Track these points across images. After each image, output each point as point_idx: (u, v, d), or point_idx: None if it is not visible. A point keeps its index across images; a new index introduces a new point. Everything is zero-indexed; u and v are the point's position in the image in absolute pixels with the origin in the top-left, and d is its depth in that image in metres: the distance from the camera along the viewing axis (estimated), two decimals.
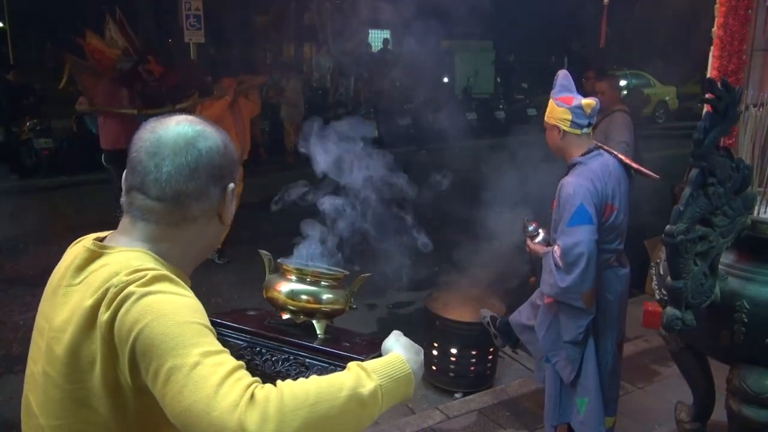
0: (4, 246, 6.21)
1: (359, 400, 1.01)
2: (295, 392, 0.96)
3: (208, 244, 1.23)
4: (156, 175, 1.10)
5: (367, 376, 1.06)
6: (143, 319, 0.98)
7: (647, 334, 4.45)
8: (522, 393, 3.70)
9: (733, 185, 1.98)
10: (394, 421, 3.45)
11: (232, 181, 1.19)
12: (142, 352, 0.97)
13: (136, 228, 1.14)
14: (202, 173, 1.12)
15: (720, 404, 2.45)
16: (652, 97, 15.12)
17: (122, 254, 1.10)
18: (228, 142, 1.19)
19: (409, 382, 1.14)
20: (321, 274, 1.48)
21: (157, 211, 1.12)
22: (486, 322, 3.49)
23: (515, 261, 3.66)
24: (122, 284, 1.03)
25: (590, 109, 2.67)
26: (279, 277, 1.48)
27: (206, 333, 1.00)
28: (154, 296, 1.01)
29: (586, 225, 2.56)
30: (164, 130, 1.13)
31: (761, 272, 2.10)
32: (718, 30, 3.33)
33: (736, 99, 1.89)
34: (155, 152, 1.11)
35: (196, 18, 8.68)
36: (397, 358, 1.15)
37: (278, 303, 1.45)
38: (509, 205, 3.77)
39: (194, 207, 1.14)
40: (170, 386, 0.94)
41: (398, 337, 1.24)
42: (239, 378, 0.95)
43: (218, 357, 0.97)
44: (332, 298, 1.45)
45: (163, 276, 1.06)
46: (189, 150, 1.11)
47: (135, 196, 1.13)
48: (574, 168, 2.72)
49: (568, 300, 2.64)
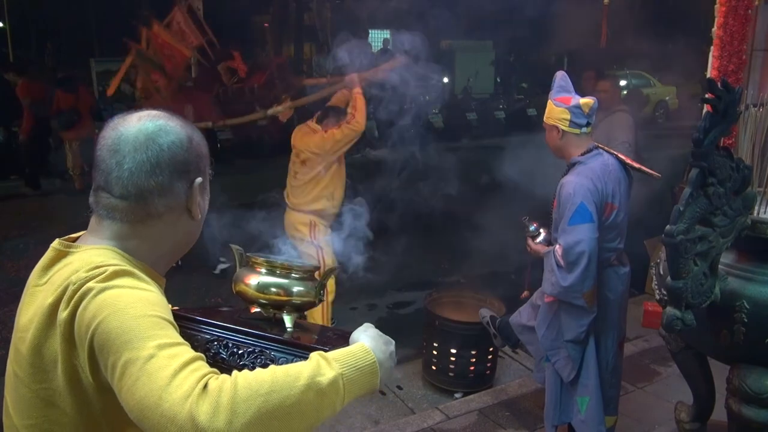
0: (5, 246, 6.22)
1: (318, 390, 0.98)
2: (249, 381, 0.93)
3: (182, 239, 1.21)
4: (118, 173, 1.10)
5: (328, 364, 1.02)
6: (100, 315, 0.97)
7: (647, 333, 4.45)
8: (522, 393, 3.71)
9: (733, 185, 1.98)
10: (394, 420, 3.46)
11: (199, 176, 1.17)
12: (100, 347, 0.97)
13: (102, 227, 1.13)
14: (165, 169, 1.11)
15: (720, 404, 2.45)
16: (651, 97, 15.13)
17: (86, 252, 1.10)
18: (194, 135, 1.17)
19: (374, 372, 1.09)
20: (290, 266, 1.46)
21: (121, 209, 1.12)
22: (485, 321, 3.49)
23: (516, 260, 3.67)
24: (81, 281, 1.02)
25: (588, 108, 2.68)
26: (248, 271, 1.46)
27: (164, 325, 0.99)
28: (111, 291, 1.00)
29: (587, 223, 2.56)
30: (126, 127, 1.12)
31: (761, 272, 2.10)
32: (718, 30, 3.33)
33: (736, 99, 1.89)
34: (116, 150, 1.10)
35: None
36: (361, 348, 1.10)
37: (247, 296, 1.44)
38: (509, 205, 3.78)
39: (158, 203, 1.12)
40: (125, 380, 0.93)
41: (367, 328, 1.21)
42: (195, 369, 0.93)
43: (174, 349, 0.95)
44: (302, 291, 1.43)
45: (124, 271, 1.05)
46: (149, 146, 1.10)
47: (100, 194, 1.13)
48: (573, 167, 2.72)
49: (570, 299, 2.64)
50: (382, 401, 3.70)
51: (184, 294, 4.99)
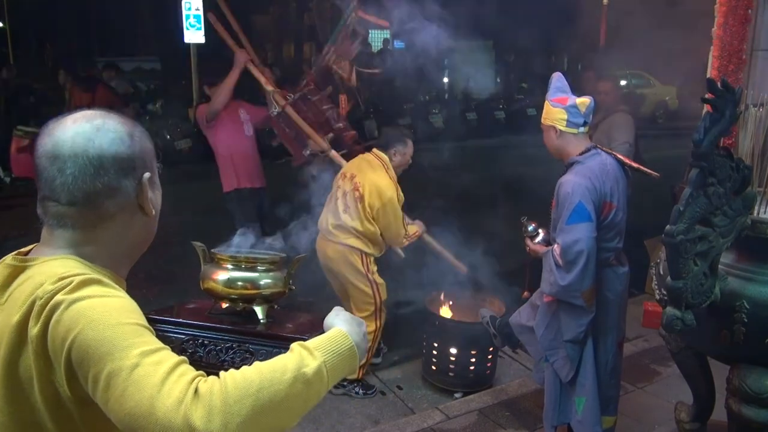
0: (6, 246, 6.22)
1: (304, 380, 1.00)
2: (238, 381, 0.94)
3: (137, 239, 1.18)
4: (61, 179, 1.06)
5: (310, 354, 1.04)
6: (75, 328, 0.95)
7: (647, 333, 4.45)
8: (522, 393, 3.71)
9: (733, 185, 1.98)
10: (394, 420, 3.46)
11: (146, 171, 1.13)
12: (78, 361, 0.94)
13: (55, 236, 1.10)
14: (109, 168, 1.07)
15: (720, 404, 2.45)
16: (652, 97, 15.12)
17: (46, 264, 1.06)
18: (135, 131, 1.13)
19: (353, 356, 1.12)
20: (255, 259, 1.46)
21: (71, 215, 1.08)
22: (485, 321, 3.49)
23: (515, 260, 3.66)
24: (48, 294, 0.99)
25: (585, 107, 2.68)
26: (214, 267, 1.46)
27: (142, 332, 0.97)
28: (82, 302, 0.97)
29: (585, 222, 2.56)
30: (61, 131, 1.07)
31: (761, 272, 2.10)
32: (717, 30, 3.33)
33: (736, 99, 1.89)
34: (56, 156, 1.06)
35: (196, 18, 8.68)
36: (339, 333, 1.12)
37: (216, 293, 1.44)
38: (509, 205, 3.77)
39: (108, 204, 1.09)
40: (111, 391, 0.91)
41: (338, 311, 1.22)
42: (182, 374, 0.93)
43: (157, 355, 0.94)
44: (270, 282, 1.44)
45: (91, 279, 1.02)
46: (89, 147, 1.06)
47: (47, 204, 1.09)
48: (572, 167, 2.73)
49: (569, 298, 2.64)
50: (382, 401, 3.70)
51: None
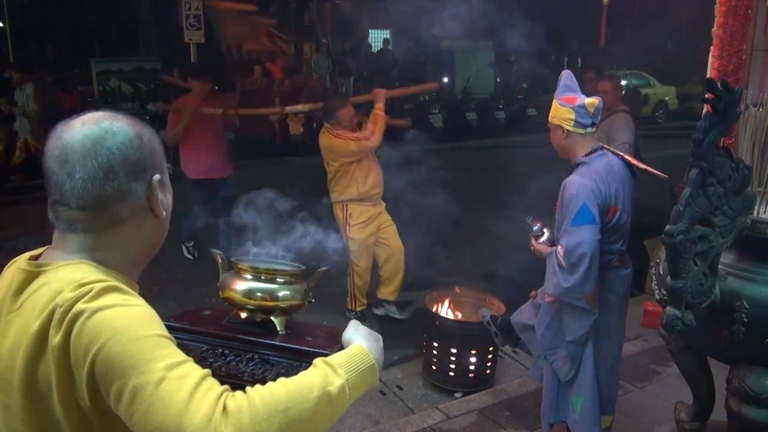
0: (6, 246, 6.21)
1: (329, 399, 1.01)
2: (266, 399, 0.94)
3: (149, 241, 1.17)
4: (71, 184, 1.04)
5: (334, 372, 1.05)
6: (98, 339, 0.94)
7: (647, 333, 4.45)
8: (522, 393, 3.71)
9: (733, 185, 1.98)
10: (394, 420, 3.46)
11: (156, 172, 1.12)
12: (102, 374, 0.94)
13: (66, 241, 1.09)
14: (119, 172, 1.06)
15: (720, 404, 2.45)
16: (652, 97, 15.13)
17: (62, 269, 1.05)
18: (144, 132, 1.11)
19: (374, 372, 1.13)
20: (275, 270, 1.46)
21: (83, 219, 1.07)
22: (486, 321, 3.49)
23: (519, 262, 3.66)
24: (68, 302, 0.97)
25: (593, 108, 2.67)
26: (234, 276, 1.46)
27: (166, 344, 0.97)
28: (105, 312, 0.96)
29: (590, 225, 2.56)
30: (70, 134, 1.06)
31: (761, 272, 2.10)
32: (717, 30, 3.33)
33: (736, 99, 1.89)
34: (65, 160, 1.05)
35: (196, 18, 8.68)
36: (360, 350, 1.13)
37: (235, 302, 1.44)
38: (509, 205, 3.77)
39: (119, 208, 1.08)
40: (137, 406, 0.91)
41: (357, 327, 1.23)
42: (208, 389, 0.93)
43: (182, 368, 0.94)
44: (289, 295, 1.43)
45: (110, 287, 1.01)
46: (98, 150, 1.05)
47: (58, 208, 1.07)
48: (577, 168, 2.72)
49: (571, 300, 2.64)
50: (382, 401, 3.70)
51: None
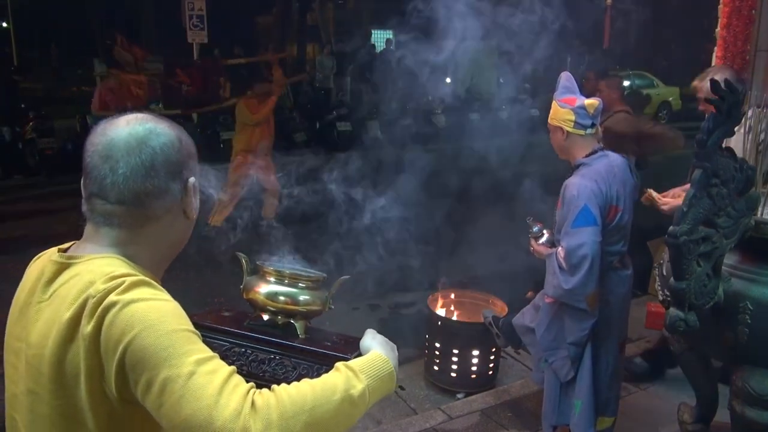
0: (5, 246, 6.22)
1: (351, 401, 1.06)
2: (294, 397, 0.99)
3: (176, 241, 1.21)
4: (112, 178, 1.08)
5: (356, 376, 1.10)
6: (131, 331, 0.97)
7: (650, 335, 4.44)
8: (524, 393, 3.70)
9: (737, 186, 1.98)
10: (396, 421, 3.45)
11: (192, 175, 1.17)
12: (132, 365, 0.97)
13: (100, 234, 1.12)
14: (160, 171, 1.11)
15: (723, 405, 2.44)
16: (655, 98, 15.10)
17: (93, 262, 1.08)
18: (183, 136, 1.17)
19: (392, 379, 1.18)
20: (299, 276, 1.50)
21: (119, 214, 1.10)
22: (488, 322, 3.49)
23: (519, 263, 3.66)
24: (101, 293, 1.01)
25: (593, 109, 2.67)
26: (258, 279, 1.50)
27: (194, 339, 1.01)
28: (137, 304, 1.00)
29: (591, 226, 2.55)
30: (115, 131, 1.10)
31: (765, 273, 2.09)
32: (721, 31, 3.33)
33: (740, 100, 1.88)
34: (108, 155, 1.09)
35: (199, 18, 8.69)
36: (379, 357, 1.19)
37: (258, 304, 1.48)
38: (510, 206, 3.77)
39: (156, 206, 1.12)
40: (166, 397, 0.94)
41: (374, 335, 1.28)
42: (236, 385, 0.97)
43: (211, 364, 0.98)
44: (310, 300, 1.48)
45: (141, 281, 1.05)
46: (142, 149, 1.09)
47: (95, 202, 1.11)
48: (578, 169, 2.71)
49: (572, 302, 2.63)
50: (385, 401, 3.70)
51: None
